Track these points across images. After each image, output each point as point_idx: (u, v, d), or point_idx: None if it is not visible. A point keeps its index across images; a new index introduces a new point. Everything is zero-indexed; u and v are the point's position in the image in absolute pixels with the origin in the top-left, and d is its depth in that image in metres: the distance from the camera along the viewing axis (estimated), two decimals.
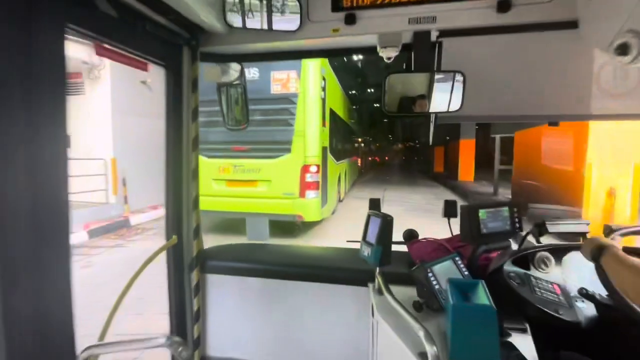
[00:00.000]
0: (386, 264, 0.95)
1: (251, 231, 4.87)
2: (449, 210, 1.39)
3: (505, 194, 8.69)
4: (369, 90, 22.37)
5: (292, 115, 4.61)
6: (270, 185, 4.75)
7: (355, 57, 14.06)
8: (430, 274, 0.90)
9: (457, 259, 0.96)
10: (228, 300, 1.31)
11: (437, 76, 1.01)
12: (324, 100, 4.93)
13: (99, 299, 1.22)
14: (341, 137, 7.91)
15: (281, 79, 4.60)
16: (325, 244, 5.07)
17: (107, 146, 6.43)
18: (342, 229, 5.75)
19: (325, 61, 5.03)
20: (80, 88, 6.55)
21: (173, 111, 1.13)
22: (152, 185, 6.04)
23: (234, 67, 1.31)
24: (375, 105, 26.86)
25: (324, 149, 5.06)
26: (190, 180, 1.19)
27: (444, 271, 0.91)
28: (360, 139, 17.70)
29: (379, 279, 0.98)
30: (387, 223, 0.96)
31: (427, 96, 1.04)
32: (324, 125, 5.04)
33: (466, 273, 0.93)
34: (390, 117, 28.72)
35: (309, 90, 4.53)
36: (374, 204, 1.31)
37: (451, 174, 13.91)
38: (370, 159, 30.30)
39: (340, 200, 8.05)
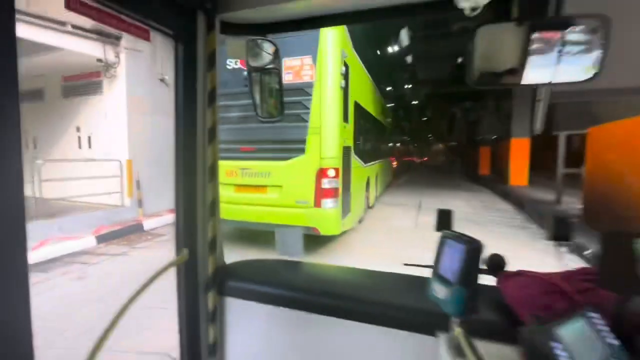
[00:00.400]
0: (472, 313, 0.64)
1: (282, 245, 4.12)
2: (560, 230, 0.92)
3: (569, 202, 7.22)
4: (406, 86, 21.01)
5: (306, 109, 3.87)
6: (281, 192, 4.06)
7: (390, 49, 12.98)
8: (555, 344, 0.51)
9: (593, 316, 0.52)
10: (251, 331, 1.07)
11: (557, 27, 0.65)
12: (345, 90, 4.14)
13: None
14: (370, 135, 7.02)
15: (294, 67, 3.89)
16: (348, 261, 4.26)
17: (122, 147, 6.18)
18: (370, 243, 4.90)
19: (346, 42, 4.22)
20: (98, 88, 6.40)
21: (184, 94, 0.92)
22: (169, 188, 5.71)
23: (267, 48, 1.14)
24: (413, 102, 25.36)
25: (345, 150, 4.27)
26: (207, 180, 1.00)
27: (576, 337, 0.51)
28: (395, 138, 16.54)
29: (457, 332, 0.65)
30: (474, 254, 0.65)
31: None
32: (345, 120, 4.24)
33: (613, 342, 0.48)
34: (428, 115, 26.97)
35: (326, 77, 3.74)
36: (444, 219, 0.98)
37: (500, 177, 12.31)
38: (407, 159, 28.71)
39: (369, 207, 7.17)
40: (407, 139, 31.99)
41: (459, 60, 15.82)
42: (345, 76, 4.09)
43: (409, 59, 16.26)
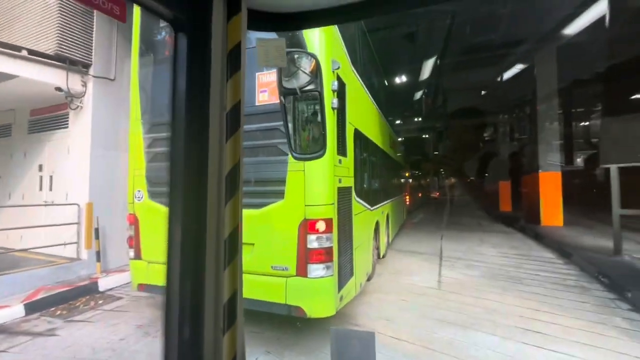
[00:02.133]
0: None
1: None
2: None
3: (631, 251, 5.77)
4: (416, 119, 20.30)
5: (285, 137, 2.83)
6: (253, 252, 2.90)
7: (399, 80, 12.36)
8: None
9: None
10: None
11: None
12: (341, 113, 3.11)
13: None
14: (379, 171, 5.92)
15: (269, 83, 2.91)
16: None
17: (83, 188, 5.23)
18: (379, 320, 3.58)
19: (341, 52, 3.26)
20: (64, 121, 5.62)
21: (186, 112, 0.66)
22: None
23: (305, 64, 0.71)
24: (425, 135, 24.56)
25: (343, 192, 3.15)
26: (222, 203, 0.68)
27: None
28: (407, 173, 15.42)
29: None
30: None
31: None
32: (342, 153, 3.17)
33: None
34: (441, 149, 26.01)
35: None
36: None
37: (527, 215, 10.85)
38: (420, 195, 27.29)
39: (381, 257, 5.87)
40: (419, 173, 30.85)
41: (483, 92, 15.17)
42: (340, 95, 3.08)
43: (419, 92, 15.68)
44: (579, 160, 17.92)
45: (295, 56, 1.15)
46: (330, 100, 2.79)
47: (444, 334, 3.22)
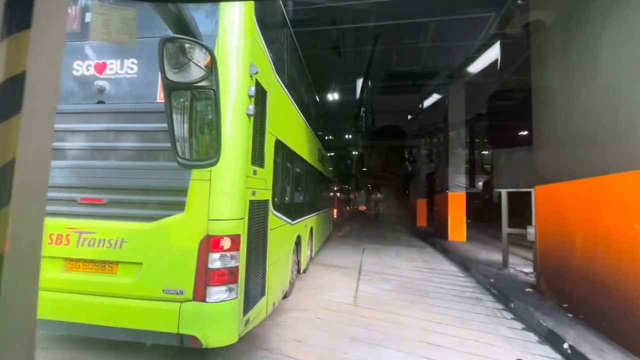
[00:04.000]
0: None
1: None
2: None
3: (515, 264, 6.70)
4: (347, 136, 21.21)
5: None
6: (141, 273, 2.45)
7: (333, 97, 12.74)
8: None
9: None
10: None
11: None
12: (258, 121, 2.91)
13: None
14: (304, 185, 5.84)
15: None
16: None
17: None
18: (289, 341, 3.37)
19: (263, 58, 3.09)
20: None
21: None
22: None
23: (198, 56, 0.93)
24: (354, 152, 25.72)
25: (257, 205, 2.91)
26: None
27: None
28: (336, 187, 15.84)
29: None
30: None
31: None
32: (257, 163, 2.95)
33: None
34: (369, 166, 27.59)
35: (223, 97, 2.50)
36: None
37: (437, 230, 12.01)
38: (348, 208, 28.39)
39: (302, 272, 5.73)
40: (347, 187, 32.12)
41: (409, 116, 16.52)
42: (259, 102, 2.89)
43: (350, 110, 16.40)
44: (480, 184, 20.76)
45: (187, 45, 0.95)
46: (244, 106, 2.58)
47: (355, 353, 3.16)
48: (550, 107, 4.80)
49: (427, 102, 13.76)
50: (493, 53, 8.19)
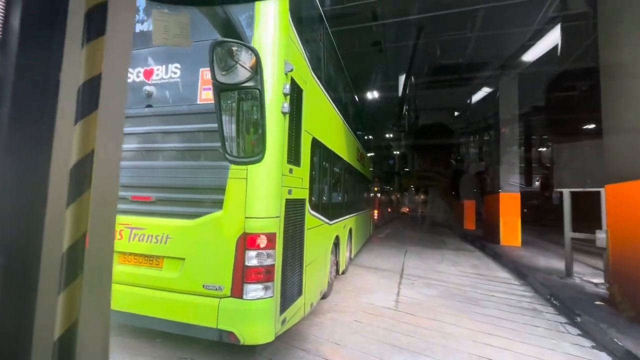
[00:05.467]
0: None
1: None
2: None
3: (582, 274, 5.96)
4: (388, 135, 20.68)
5: None
6: (183, 269, 2.56)
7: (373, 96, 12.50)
8: None
9: None
10: None
11: None
12: (295, 119, 2.90)
13: None
14: (342, 184, 5.76)
15: None
16: None
17: None
18: (334, 344, 3.30)
19: (298, 56, 3.07)
20: None
21: (33, 75, 0.54)
22: None
23: (244, 58, 1.00)
24: (396, 151, 25.04)
25: (293, 204, 2.90)
26: (62, 205, 0.56)
27: None
28: (376, 188, 15.51)
29: None
30: None
31: None
32: (294, 162, 2.94)
33: None
34: (412, 165, 26.68)
35: None
36: None
37: (487, 234, 11.16)
38: (390, 210, 27.66)
39: (340, 273, 5.64)
40: (389, 188, 31.34)
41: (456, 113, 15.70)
42: (295, 100, 2.87)
43: (392, 109, 15.96)
44: (537, 184, 18.98)
45: (234, 48, 1.02)
46: (279, 104, 2.58)
47: None
48: (623, 95, 4.18)
49: (476, 97, 12.91)
50: (552, 38, 7.41)
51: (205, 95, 2.64)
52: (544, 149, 18.32)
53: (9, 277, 0.50)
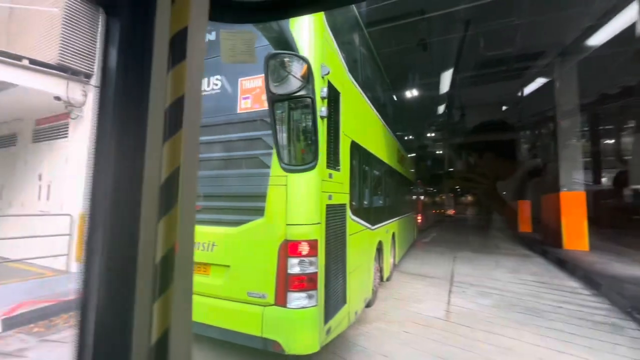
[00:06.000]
0: None
1: None
2: None
3: None
4: (430, 135, 19.81)
5: (269, 149, 2.57)
6: (229, 276, 2.60)
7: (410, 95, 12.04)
8: None
9: None
10: None
11: None
12: (333, 123, 2.84)
13: None
14: (383, 187, 5.57)
15: (252, 89, 2.68)
16: None
17: (78, 198, 5.12)
18: (383, 356, 3.16)
19: (334, 58, 3.01)
20: (64, 131, 5.60)
21: (124, 100, 0.59)
22: None
23: (295, 68, 1.04)
24: (440, 151, 23.98)
25: (334, 210, 2.83)
26: (154, 219, 0.60)
27: None
28: (419, 190, 14.88)
29: None
30: None
31: None
32: (333, 166, 2.87)
33: None
34: (457, 165, 25.33)
35: None
36: None
37: (547, 237, 10.13)
38: (434, 212, 26.41)
39: (384, 280, 5.44)
40: (433, 190, 30.03)
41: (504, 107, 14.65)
42: (332, 103, 2.82)
43: (435, 107, 15.29)
44: (606, 180, 16.91)
45: (286, 59, 1.07)
46: (317, 108, 2.53)
47: None
48: None
49: (528, 89, 11.88)
50: (626, 17, 6.55)
51: (244, 105, 2.69)
52: (616, 140, 16.27)
53: (112, 286, 0.55)
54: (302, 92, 1.08)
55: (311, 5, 0.82)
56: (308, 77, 1.07)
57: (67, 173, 5.41)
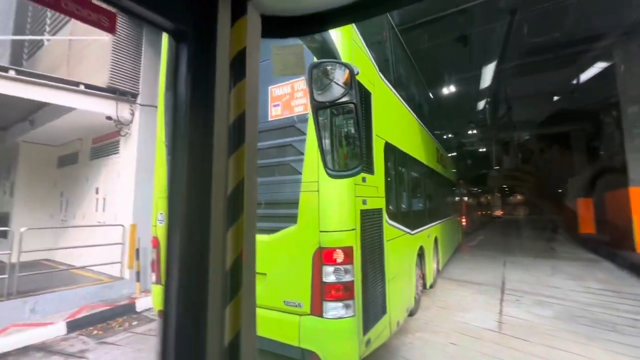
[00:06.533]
0: None
1: None
2: None
3: None
4: (472, 132, 18.69)
5: (300, 155, 2.54)
6: (266, 284, 2.59)
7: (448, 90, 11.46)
8: None
9: None
10: None
11: None
12: (362, 122, 2.73)
13: None
14: (422, 190, 5.31)
15: (282, 96, 2.67)
16: None
17: (129, 210, 5.51)
18: None
19: (363, 57, 2.91)
20: (116, 148, 6.09)
21: (188, 127, 0.62)
22: None
23: (338, 75, 1.04)
24: (483, 149, 22.59)
25: (369, 215, 2.71)
26: (223, 229, 0.63)
27: None
28: (463, 191, 14.08)
29: None
30: None
31: None
32: (367, 170, 2.76)
33: None
34: (504, 163, 23.69)
35: None
36: None
37: (614, 239, 9.00)
38: (480, 214, 24.86)
39: (428, 287, 5.15)
40: (477, 190, 28.34)
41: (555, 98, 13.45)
42: (363, 104, 2.72)
43: (476, 103, 14.43)
44: None
45: (329, 67, 1.07)
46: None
47: None
48: None
49: (584, 76, 10.76)
50: None
51: (275, 112, 2.69)
52: None
53: (189, 291, 0.58)
54: (345, 99, 1.08)
55: (352, 15, 0.82)
56: (351, 83, 1.08)
57: (118, 186, 5.86)
